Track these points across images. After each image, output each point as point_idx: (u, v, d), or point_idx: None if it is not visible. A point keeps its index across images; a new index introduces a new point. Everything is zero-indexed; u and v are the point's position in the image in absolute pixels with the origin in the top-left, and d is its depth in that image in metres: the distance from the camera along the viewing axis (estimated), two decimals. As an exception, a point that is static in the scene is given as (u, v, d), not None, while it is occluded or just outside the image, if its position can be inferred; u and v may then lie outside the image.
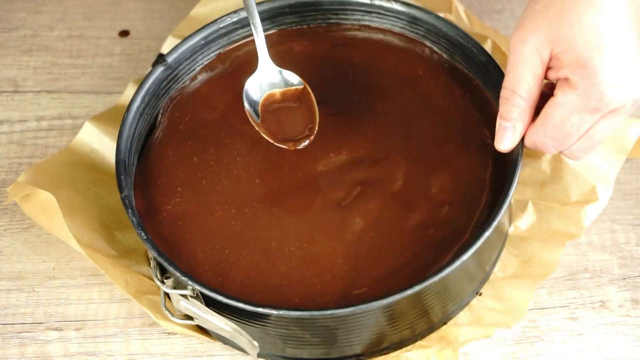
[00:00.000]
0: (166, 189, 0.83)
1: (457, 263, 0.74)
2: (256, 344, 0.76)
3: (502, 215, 0.77)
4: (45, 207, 0.83)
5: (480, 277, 0.82)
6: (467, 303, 0.82)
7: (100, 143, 0.90)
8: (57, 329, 0.82)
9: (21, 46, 1.01)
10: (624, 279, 0.86)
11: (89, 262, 0.86)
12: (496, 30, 0.99)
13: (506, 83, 0.77)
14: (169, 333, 0.82)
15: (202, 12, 0.99)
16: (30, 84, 0.98)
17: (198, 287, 0.75)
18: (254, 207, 0.82)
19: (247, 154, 0.85)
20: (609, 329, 0.83)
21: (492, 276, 0.83)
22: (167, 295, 0.80)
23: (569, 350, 0.81)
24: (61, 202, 0.82)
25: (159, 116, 0.87)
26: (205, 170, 0.84)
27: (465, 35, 0.87)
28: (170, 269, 0.76)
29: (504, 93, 0.78)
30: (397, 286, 0.76)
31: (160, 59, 0.96)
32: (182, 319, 0.79)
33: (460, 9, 0.98)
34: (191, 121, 0.87)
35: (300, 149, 0.83)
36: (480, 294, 0.82)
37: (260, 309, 0.74)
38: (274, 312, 0.73)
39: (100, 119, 0.91)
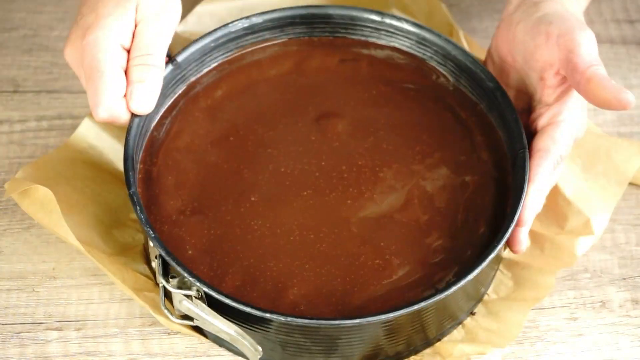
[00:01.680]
0: (178, 188, 0.83)
1: (463, 282, 0.75)
2: (260, 349, 0.76)
3: (506, 239, 0.78)
4: (43, 203, 0.82)
5: (476, 297, 0.82)
6: (461, 322, 0.82)
7: (99, 139, 0.90)
8: (57, 329, 0.82)
9: (21, 46, 1.01)
10: (624, 279, 0.86)
11: (89, 262, 0.86)
12: None
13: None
14: (169, 333, 0.82)
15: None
16: (30, 84, 0.98)
17: (208, 290, 0.75)
18: (266, 210, 0.82)
19: (268, 161, 0.85)
20: (609, 329, 0.83)
21: (485, 297, 0.84)
22: (165, 294, 0.79)
23: (569, 350, 0.81)
24: (58, 199, 0.82)
25: (167, 116, 0.87)
26: (226, 175, 0.84)
27: (474, 61, 0.88)
28: (178, 268, 0.75)
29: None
30: (399, 300, 0.77)
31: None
32: (180, 319, 0.79)
33: (461, 33, 0.98)
34: (208, 124, 0.87)
35: (316, 160, 0.85)
36: (474, 314, 0.83)
37: (267, 315, 0.73)
38: (282, 318, 0.73)
39: None
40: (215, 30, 0.89)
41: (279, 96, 0.89)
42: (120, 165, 0.90)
